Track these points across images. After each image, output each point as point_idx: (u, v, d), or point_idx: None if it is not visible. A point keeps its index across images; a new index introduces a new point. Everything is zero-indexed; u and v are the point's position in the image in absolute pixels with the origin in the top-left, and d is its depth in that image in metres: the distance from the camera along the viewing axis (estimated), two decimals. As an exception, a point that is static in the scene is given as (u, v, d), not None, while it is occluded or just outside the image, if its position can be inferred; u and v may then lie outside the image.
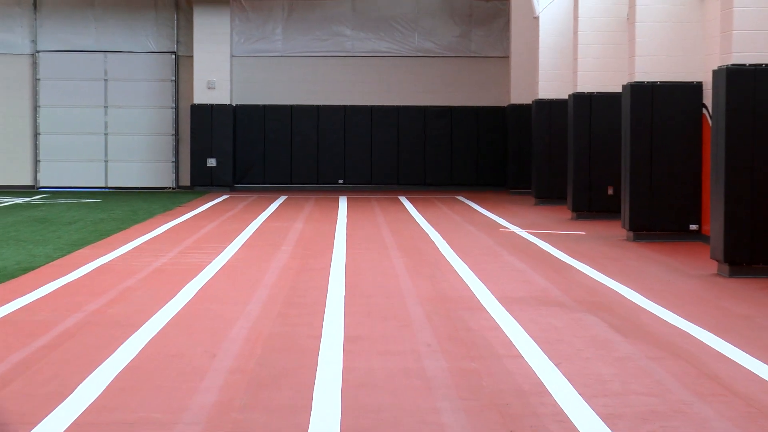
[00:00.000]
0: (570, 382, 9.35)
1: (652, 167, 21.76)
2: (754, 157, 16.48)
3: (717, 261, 16.98)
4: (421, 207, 31.57)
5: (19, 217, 27.69)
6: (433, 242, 21.46)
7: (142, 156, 42.44)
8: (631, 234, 22.06)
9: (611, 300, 14.13)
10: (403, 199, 34.96)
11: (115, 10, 42.03)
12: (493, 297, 14.18)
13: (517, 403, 8.70)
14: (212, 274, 16.38)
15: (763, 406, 8.60)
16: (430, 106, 41.71)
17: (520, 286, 15.29)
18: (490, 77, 41.53)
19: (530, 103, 34.91)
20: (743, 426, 8.00)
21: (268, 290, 14.80)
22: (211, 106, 40.99)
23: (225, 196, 36.60)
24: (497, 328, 12.01)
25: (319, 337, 11.45)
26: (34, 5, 41.95)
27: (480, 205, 32.37)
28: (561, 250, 19.93)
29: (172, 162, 42.34)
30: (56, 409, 8.36)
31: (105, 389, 9.04)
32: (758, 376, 9.65)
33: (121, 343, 10.94)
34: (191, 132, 41.20)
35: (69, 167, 42.26)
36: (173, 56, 42.24)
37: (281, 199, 34.99)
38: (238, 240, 21.64)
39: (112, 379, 9.42)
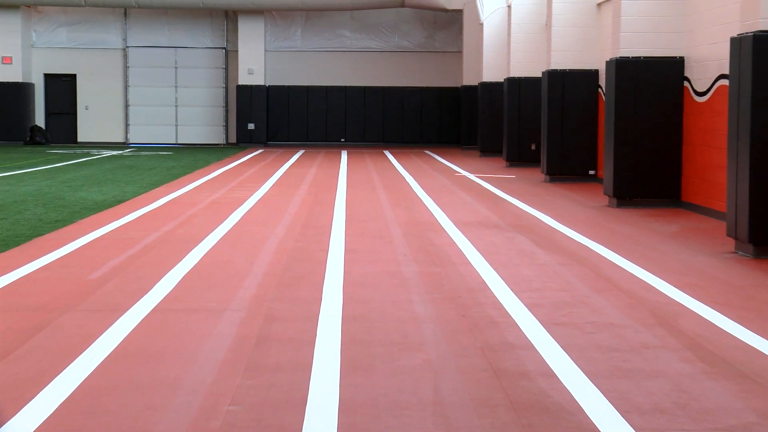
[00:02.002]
0: (504, 281, 9.39)
1: (562, 130, 21.78)
2: (636, 122, 16.55)
3: (608, 196, 17.03)
4: (399, 158, 31.50)
5: (115, 164, 27.61)
6: (408, 183, 21.44)
7: (202, 121, 42.44)
8: (547, 177, 22.07)
9: (533, 223, 14.16)
10: (387, 153, 34.88)
11: (182, 17, 41.91)
12: (450, 222, 14.19)
13: (466, 296, 8.75)
14: (251, 205, 16.37)
15: (640, 297, 8.66)
16: (406, 87, 41.76)
17: (468, 214, 15.30)
18: (449, 66, 41.50)
19: (477, 84, 34.86)
20: (626, 312, 8.05)
21: (291, 217, 14.82)
22: (251, 86, 41.06)
23: (260, 150, 36.48)
24: (453, 243, 12.04)
25: (327, 250, 11.48)
26: (125, 13, 41.84)
27: (441, 157, 32.30)
28: (498, 188, 19.93)
29: (223, 126, 42.35)
30: (141, 299, 8.39)
31: (175, 286, 9.08)
32: (637, 276, 9.69)
33: (187, 254, 10.97)
34: (236, 104, 41.28)
35: (150, 129, 42.31)
36: (224, 51, 42.14)
37: (300, 152, 34.89)
38: (270, 181, 21.61)
39: (180, 278, 9.46)
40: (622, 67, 16.57)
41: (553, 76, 21.83)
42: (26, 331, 7.22)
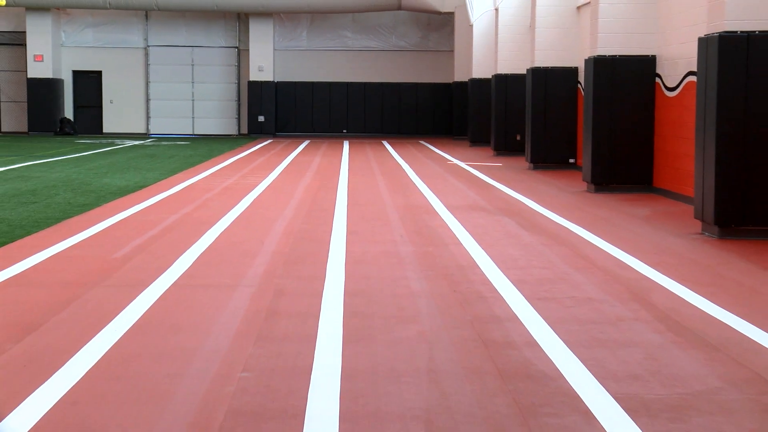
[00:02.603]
0: (492, 260, 9.40)
1: (545, 122, 21.79)
2: (611, 115, 16.57)
3: (586, 182, 17.04)
4: (396, 148, 31.48)
5: (137, 153, 27.59)
6: (404, 170, 21.44)
7: (216, 114, 42.43)
8: (531, 165, 22.07)
9: (518, 207, 14.17)
10: (385, 143, 34.85)
11: (198, 19, 41.88)
12: (443, 205, 14.20)
13: (457, 273, 8.76)
14: (262, 190, 16.37)
15: (615, 275, 8.66)
16: (403, 83, 41.71)
17: (459, 199, 15.31)
18: (441, 64, 41.47)
19: (467, 80, 34.85)
20: (602, 287, 8.07)
21: (298, 201, 14.82)
22: (261, 82, 41.04)
23: (269, 140, 36.46)
24: (445, 225, 12.04)
25: (330, 231, 11.49)
26: (146, 15, 41.84)
27: (434, 146, 32.28)
28: (486, 175, 19.92)
29: (235, 118, 42.33)
30: (161, 276, 8.39)
31: (192, 264, 9.08)
32: (612, 255, 9.70)
33: (203, 234, 10.97)
34: (248, 99, 41.27)
35: (169, 121, 42.35)
36: (236, 50, 42.11)
37: (306, 142, 34.86)
38: (278, 168, 21.60)
39: (197, 257, 9.46)
40: (600, 64, 16.59)
41: (536, 73, 21.83)
42: (57, 305, 7.22)
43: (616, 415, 4.74)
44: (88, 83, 42.40)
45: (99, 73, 42.30)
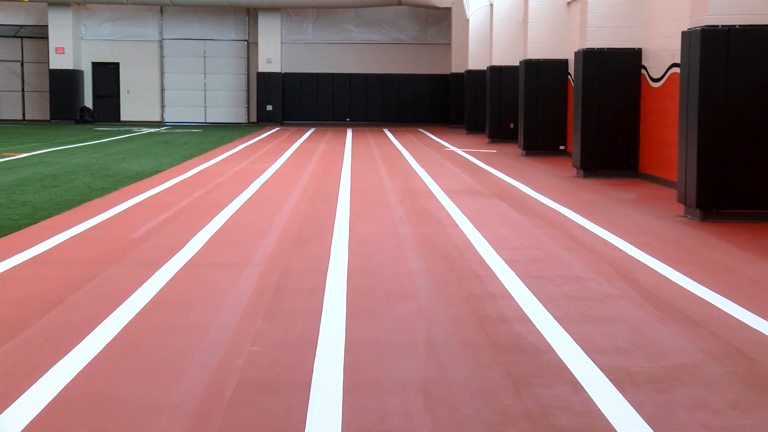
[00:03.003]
0: (486, 240, 9.40)
1: (536, 111, 21.77)
2: (599, 104, 16.56)
3: (575, 168, 17.04)
4: (396, 135, 31.47)
5: (152, 140, 27.58)
6: (404, 156, 21.43)
7: (227, 103, 42.46)
8: (524, 151, 22.06)
9: (511, 191, 14.16)
10: (386, 131, 34.84)
11: (210, 14, 41.88)
12: (440, 189, 14.19)
13: (454, 252, 8.76)
14: (270, 175, 16.37)
15: (603, 254, 8.67)
16: (402, 74, 41.71)
17: (455, 183, 15.31)
18: (439, 56, 41.44)
19: (463, 72, 34.84)
20: (590, 266, 8.07)
21: (304, 185, 14.81)
22: (269, 73, 41.07)
23: (277, 128, 36.45)
24: (442, 208, 12.04)
25: (334, 213, 11.48)
26: (161, 10, 41.85)
27: (432, 134, 32.27)
28: (481, 161, 19.91)
29: (245, 107, 42.37)
30: (175, 256, 8.40)
31: (205, 244, 9.08)
32: (600, 236, 9.70)
33: (214, 216, 10.97)
34: (257, 89, 41.32)
35: (182, 110, 42.42)
36: (246, 43, 42.11)
37: (311, 130, 34.86)
38: (285, 155, 21.59)
39: (209, 238, 9.46)
40: (588, 57, 16.57)
41: (529, 65, 21.80)
42: (77, 282, 7.23)
43: (603, 386, 4.74)
44: (107, 74, 42.39)
45: (117, 65, 42.31)
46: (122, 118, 42.20)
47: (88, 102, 42.09)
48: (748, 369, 5.08)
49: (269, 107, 41.28)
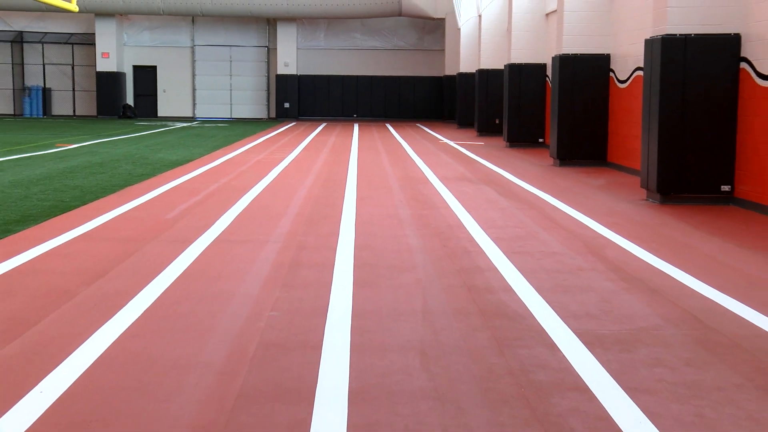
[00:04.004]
0: (475, 221, 9.40)
1: (519, 108, 21.73)
2: (573, 102, 16.52)
3: (553, 158, 17.01)
4: (397, 129, 31.43)
5: (185, 133, 27.55)
6: (403, 148, 21.40)
7: (250, 101, 42.47)
8: (507, 144, 22.03)
9: (496, 178, 14.14)
10: (388, 125, 34.81)
11: (235, 23, 41.83)
12: (435, 176, 14.18)
13: (447, 231, 8.75)
14: (286, 164, 16.36)
15: (576, 233, 8.66)
16: (402, 76, 41.73)
17: (449, 171, 15.29)
18: (434, 61, 41.40)
19: (455, 74, 34.81)
20: (564, 243, 8.06)
21: (316, 173, 14.80)
22: (286, 75, 41.07)
23: (293, 123, 36.40)
24: (437, 193, 12.03)
25: (343, 197, 11.47)
26: (192, 20, 41.83)
27: (428, 128, 32.23)
28: (471, 152, 19.88)
29: (265, 104, 42.38)
30: (204, 234, 8.40)
31: (230, 224, 9.08)
32: (573, 217, 9.70)
33: (238, 199, 10.96)
34: (276, 89, 41.29)
35: (211, 107, 42.45)
36: (266, 48, 42.10)
37: (323, 125, 34.81)
38: (300, 146, 21.57)
39: (234, 218, 9.46)
40: (564, 61, 16.53)
41: (512, 68, 21.74)
42: (120, 256, 7.22)
43: (575, 347, 4.73)
44: (146, 76, 42.36)
45: (154, 68, 42.29)
46: (159, 114, 42.21)
47: (130, 100, 42.08)
48: (700, 332, 5.08)
49: (286, 105, 41.27)
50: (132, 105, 41.81)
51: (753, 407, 3.84)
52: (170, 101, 42.38)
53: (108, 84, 40.78)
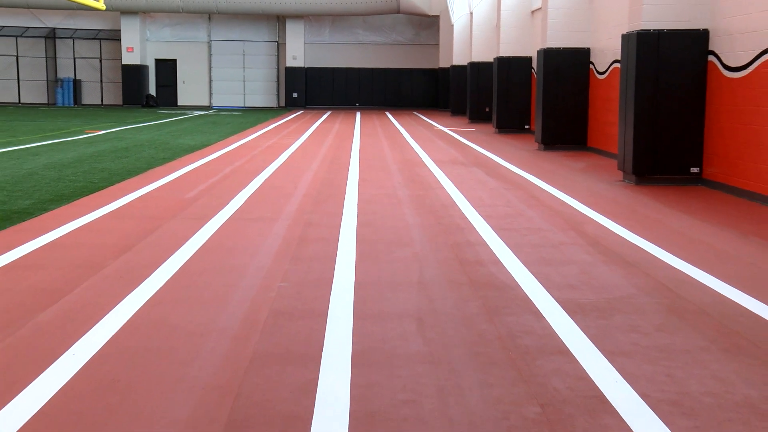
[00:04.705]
0: (467, 199, 9.39)
1: (507, 97, 21.64)
2: (556, 92, 16.47)
3: (537, 143, 16.97)
4: (396, 117, 31.34)
5: (202, 121, 27.48)
6: (401, 134, 21.36)
7: (261, 91, 42.37)
8: (497, 130, 21.97)
9: (486, 161, 14.12)
10: (388, 113, 34.70)
11: (248, 20, 41.70)
12: (431, 160, 14.16)
13: (441, 210, 8.74)
14: (295, 148, 16.33)
15: (558, 211, 8.65)
16: (401, 68, 41.62)
17: (443, 155, 15.27)
18: (430, 54, 41.28)
19: (449, 66, 34.67)
20: (548, 220, 8.05)
21: (321, 157, 14.78)
22: (294, 68, 41.01)
23: (301, 111, 36.30)
24: (431, 174, 12.01)
25: (346, 178, 11.45)
26: (209, 18, 41.66)
27: (424, 116, 32.14)
28: (463, 137, 19.83)
29: (275, 94, 42.29)
30: (220, 211, 8.40)
31: (244, 202, 9.07)
32: (556, 197, 9.69)
33: (251, 181, 10.95)
34: (285, 80, 41.19)
35: (226, 96, 42.38)
36: (276, 43, 41.97)
37: (328, 113, 34.70)
38: (307, 132, 21.52)
39: (247, 197, 9.45)
40: (548, 55, 16.45)
41: (501, 61, 21.65)
42: (144, 232, 7.22)
43: (558, 314, 4.73)
44: (166, 68, 42.24)
45: (174, 61, 42.17)
46: (179, 103, 42.12)
47: (152, 90, 41.99)
48: (671, 300, 5.08)
49: (295, 94, 41.16)
50: (154, 95, 41.71)
51: (717, 367, 3.84)
52: (189, 91, 42.27)
53: (132, 76, 40.68)
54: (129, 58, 40.64)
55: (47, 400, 3.38)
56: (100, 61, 41.99)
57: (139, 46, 40.78)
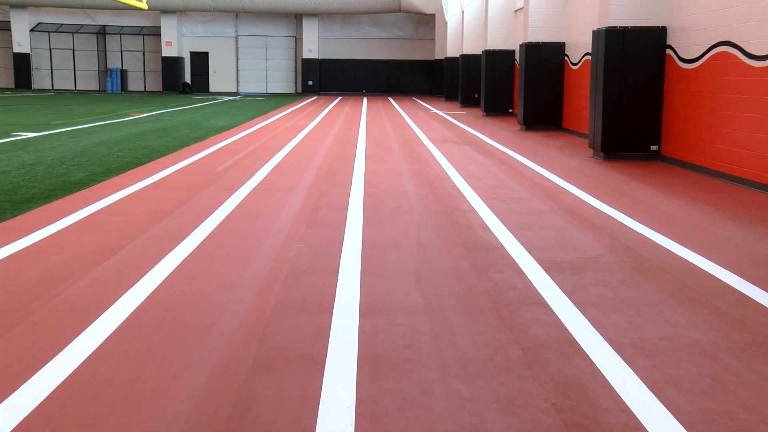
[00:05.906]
0: (459, 173, 9.34)
1: (493, 85, 21.47)
2: (536, 81, 16.34)
3: (520, 124, 16.86)
4: (397, 102, 31.15)
5: (229, 105, 27.35)
6: (402, 116, 21.23)
7: (281, 79, 42.15)
8: (484, 113, 21.83)
9: (475, 140, 14.04)
10: (391, 99, 34.49)
11: (269, 18, 41.39)
12: (427, 139, 14.08)
13: (436, 181, 8.70)
14: (310, 129, 16.25)
15: (538, 183, 8.61)
16: (402, 59, 41.37)
17: (437, 134, 15.19)
18: (427, 47, 40.96)
19: (443, 58, 34.40)
20: (530, 191, 8.01)
21: (333, 137, 14.71)
22: (310, 59, 40.73)
23: (315, 97, 36.09)
24: (428, 152, 11.95)
25: (354, 155, 11.40)
26: (236, 16, 41.32)
27: (422, 101, 31.93)
28: (455, 119, 19.71)
29: (293, 82, 42.08)
30: (246, 183, 8.37)
31: (266, 175, 9.03)
32: (536, 171, 9.64)
33: (272, 156, 10.90)
34: (302, 70, 40.96)
35: (251, 84, 42.19)
36: (294, 38, 41.69)
37: (338, 98, 34.50)
38: (321, 115, 21.41)
39: (269, 171, 9.41)
40: (529, 48, 16.29)
41: (488, 53, 21.45)
42: (180, 200, 7.19)
43: (537, 271, 4.72)
44: (200, 60, 42.01)
45: (206, 53, 41.94)
46: (210, 90, 41.96)
47: (188, 78, 41.80)
48: (633, 258, 5.06)
49: (310, 82, 40.96)
50: (189, 83, 41.52)
51: (673, 316, 3.84)
52: (219, 79, 42.10)
53: (171, 66, 40.50)
54: (168, 51, 40.43)
55: (102, 341, 3.38)
56: (143, 53, 41.77)
57: (177, 40, 40.54)
